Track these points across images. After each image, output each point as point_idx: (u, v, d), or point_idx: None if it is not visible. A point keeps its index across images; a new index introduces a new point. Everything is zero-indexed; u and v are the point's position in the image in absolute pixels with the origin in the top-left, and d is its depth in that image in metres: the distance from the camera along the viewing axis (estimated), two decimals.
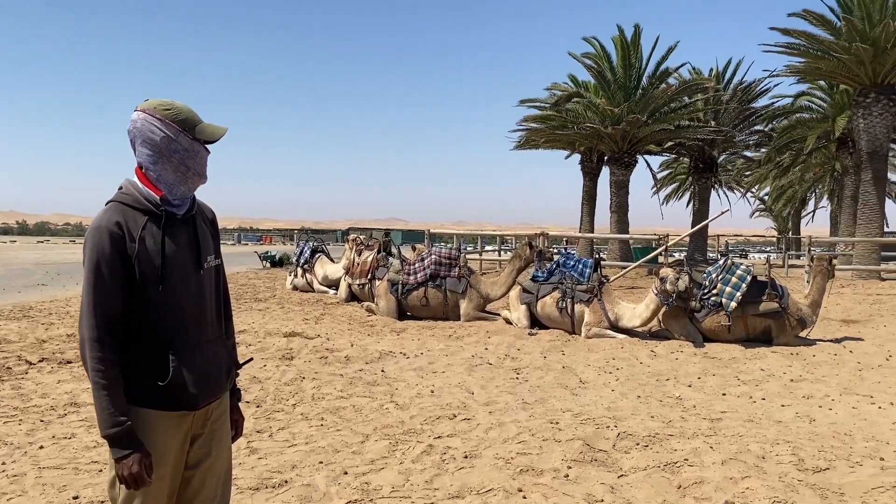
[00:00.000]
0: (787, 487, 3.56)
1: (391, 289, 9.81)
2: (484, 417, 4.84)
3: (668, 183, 38.39)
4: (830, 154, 27.20)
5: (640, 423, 4.71)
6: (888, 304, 12.67)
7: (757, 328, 8.14)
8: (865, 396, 5.67)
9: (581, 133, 22.13)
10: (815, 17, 18.71)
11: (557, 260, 9.26)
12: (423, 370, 6.43)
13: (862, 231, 18.72)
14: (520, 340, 8.12)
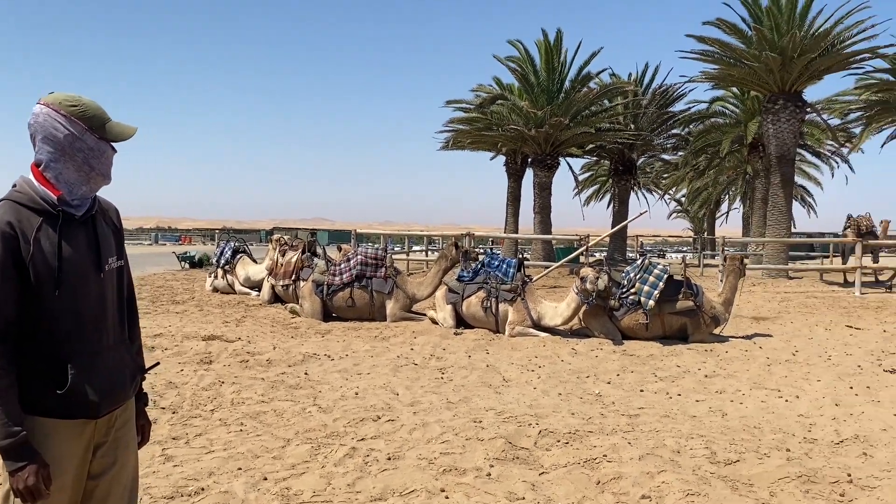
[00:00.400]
0: (700, 480, 3.70)
1: (316, 290, 9.68)
2: (408, 418, 4.83)
3: (589, 185, 39.29)
4: (743, 158, 28.40)
5: (561, 420, 4.80)
6: (795, 301, 13.32)
7: (673, 326, 8.41)
8: (773, 390, 5.94)
9: (505, 135, 22.42)
10: (728, 26, 19.49)
11: (482, 260, 9.34)
12: (348, 372, 6.37)
13: (771, 232, 19.62)
14: (445, 340, 8.15)
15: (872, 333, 9.26)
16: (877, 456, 4.18)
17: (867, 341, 8.57)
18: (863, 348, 8.05)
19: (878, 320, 10.72)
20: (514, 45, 22.73)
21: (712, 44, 19.60)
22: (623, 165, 26.65)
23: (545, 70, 22.30)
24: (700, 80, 21.22)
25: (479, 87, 25.03)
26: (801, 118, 19.99)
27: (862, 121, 21.58)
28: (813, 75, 19.17)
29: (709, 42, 19.55)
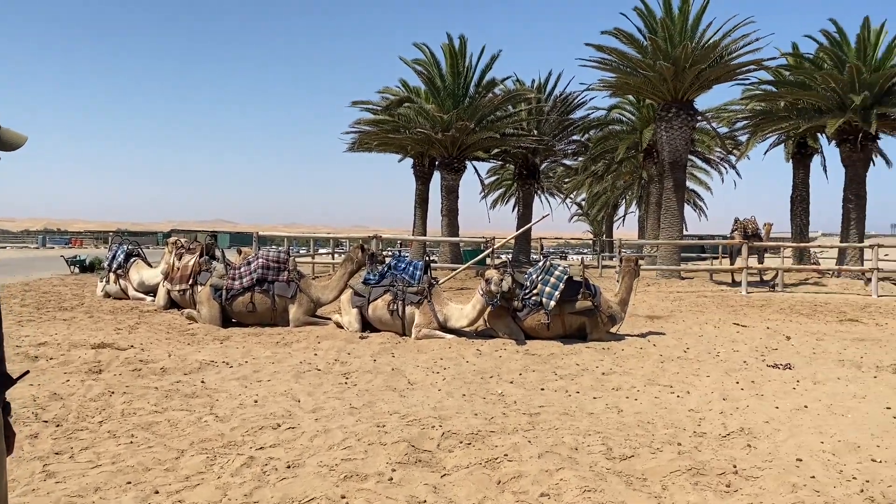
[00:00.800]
0: (597, 476, 3.79)
1: (214, 294, 9.37)
2: (309, 425, 4.74)
3: (495, 188, 39.90)
4: (638, 163, 29.56)
5: (464, 421, 4.82)
6: (687, 300, 13.96)
7: (573, 325, 8.64)
8: (666, 386, 6.18)
9: (413, 137, 22.46)
10: (625, 36, 20.23)
11: (389, 262, 9.30)
12: (248, 379, 6.19)
13: (665, 234, 20.49)
14: (350, 344, 8.06)
15: (757, 331, 9.81)
16: (760, 447, 4.41)
17: (752, 338, 9.07)
18: (748, 345, 8.51)
19: (763, 318, 11.38)
20: (420, 48, 22.82)
21: (610, 53, 20.30)
22: (527, 170, 27.21)
23: (451, 74, 22.49)
24: (599, 87, 21.93)
25: (386, 88, 24.98)
26: (693, 126, 20.99)
27: (748, 129, 22.84)
28: (703, 85, 20.16)
29: (607, 51, 20.23)
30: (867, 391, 6.04)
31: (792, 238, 23.98)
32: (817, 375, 6.69)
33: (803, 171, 23.48)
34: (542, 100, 26.22)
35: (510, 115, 24.27)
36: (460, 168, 23.55)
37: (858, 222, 19.49)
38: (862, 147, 19.20)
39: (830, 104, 19.14)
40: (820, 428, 4.87)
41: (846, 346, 8.56)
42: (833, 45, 19.51)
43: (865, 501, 3.55)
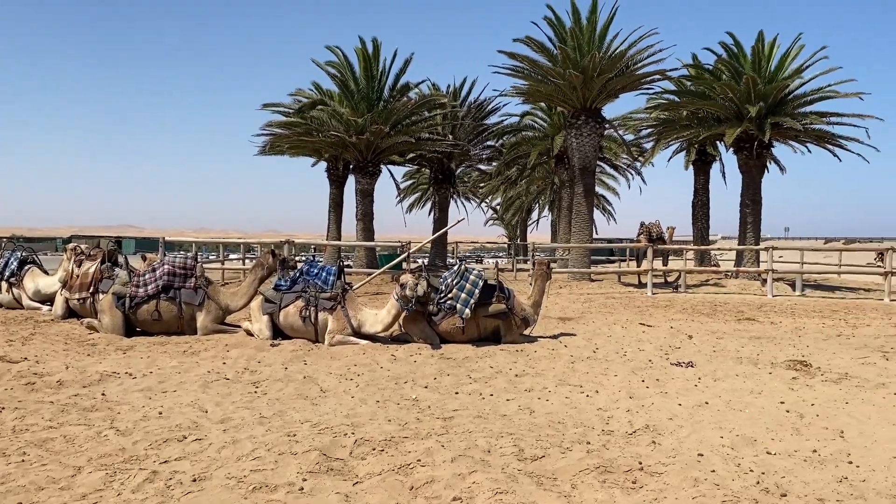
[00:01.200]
0: (509, 478, 3.84)
1: (117, 303, 8.96)
2: (217, 436, 4.59)
3: (410, 192, 39.95)
4: (550, 169, 30.22)
5: (378, 427, 4.79)
6: (597, 302, 14.35)
7: (488, 328, 8.73)
8: (576, 386, 6.32)
9: (326, 141, 22.19)
10: (536, 44, 20.64)
11: (301, 268, 9.14)
12: (152, 390, 5.95)
13: (576, 238, 21.02)
14: (261, 352, 7.86)
15: (661, 330, 10.18)
16: (664, 443, 4.57)
17: (657, 337, 9.41)
18: (653, 344, 8.82)
19: (667, 318, 11.82)
20: (333, 50, 22.57)
21: (522, 60, 20.67)
22: (442, 174, 27.36)
23: (365, 77, 22.36)
24: (511, 94, 22.29)
25: (299, 91, 24.57)
26: (601, 133, 21.61)
27: (652, 137, 23.71)
28: (611, 94, 20.80)
29: (518, 58, 20.59)
30: (763, 387, 6.36)
31: (694, 241, 25.06)
32: (717, 373, 7.00)
33: (704, 177, 24.58)
34: (457, 105, 26.44)
35: (425, 120, 24.34)
36: (375, 172, 23.44)
37: (755, 226, 20.52)
38: (757, 155, 20.24)
39: (729, 114, 20.10)
40: (720, 423, 5.09)
41: (744, 344, 8.99)
42: (730, 57, 20.50)
43: (761, 493, 3.73)
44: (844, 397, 5.97)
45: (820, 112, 19.96)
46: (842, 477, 3.98)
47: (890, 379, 6.75)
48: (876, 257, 25.50)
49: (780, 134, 20.04)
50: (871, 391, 6.23)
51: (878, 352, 8.38)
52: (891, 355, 8.12)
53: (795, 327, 10.81)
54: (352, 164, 23.64)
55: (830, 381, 6.62)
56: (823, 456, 4.35)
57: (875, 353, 8.31)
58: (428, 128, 24.29)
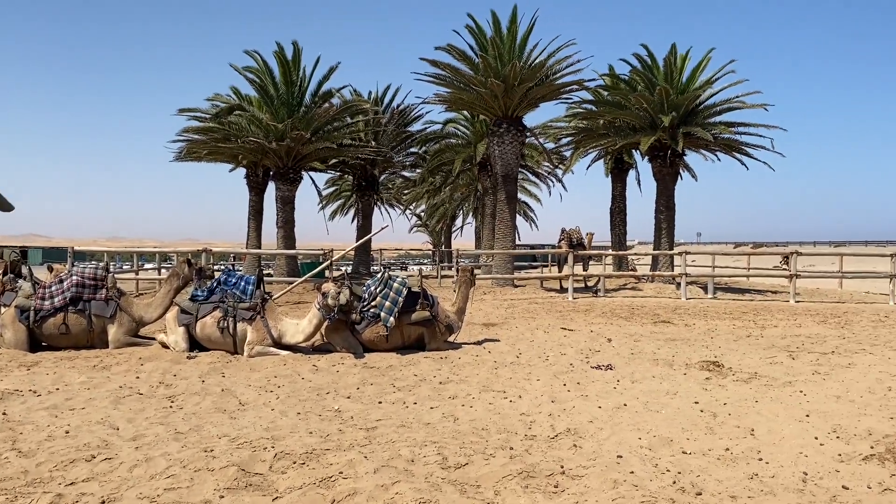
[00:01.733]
0: (432, 487, 3.81)
1: (20, 316, 8.48)
2: (129, 454, 4.39)
3: (333, 199, 39.56)
4: (474, 176, 30.45)
5: (299, 440, 4.69)
6: (520, 307, 14.53)
7: (412, 336, 8.70)
8: (500, 392, 6.37)
9: (245, 147, 21.72)
10: (458, 53, 20.82)
11: (219, 277, 8.88)
12: (59, 408, 5.64)
13: (499, 244, 21.25)
14: (177, 365, 7.59)
15: (582, 334, 10.39)
16: (585, 447, 4.65)
17: (578, 341, 9.59)
18: (574, 348, 8.99)
19: (587, 322, 12.07)
20: (251, 55, 22.12)
21: (444, 68, 20.80)
22: (366, 181, 27.20)
23: (284, 83, 22.02)
24: (434, 101, 22.39)
25: (216, 96, 23.99)
26: (523, 141, 21.96)
27: (572, 145, 24.25)
28: (531, 103, 21.17)
29: (441, 66, 20.71)
30: (678, 388, 6.56)
31: (612, 247, 25.74)
32: (635, 375, 7.18)
33: (621, 184, 25.30)
34: (380, 112, 26.36)
35: (348, 126, 24.16)
36: (296, 178, 23.09)
37: (669, 231, 21.25)
38: (671, 163, 20.99)
39: (643, 123, 20.77)
40: (638, 425, 5.21)
41: (660, 346, 9.27)
42: (645, 68, 21.20)
43: (678, 492, 3.83)
44: (754, 396, 6.22)
45: (728, 122, 20.86)
46: (753, 474, 4.13)
47: (796, 377, 7.08)
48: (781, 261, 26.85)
49: (692, 143, 20.83)
50: (779, 389, 6.52)
51: (785, 351, 8.79)
52: (797, 354, 8.52)
53: (708, 329, 11.22)
54: (272, 170, 23.21)
55: (741, 381, 6.89)
56: (735, 454, 4.51)
57: (782, 352, 8.71)
58: (350, 134, 24.12)
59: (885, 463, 4.30)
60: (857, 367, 7.70)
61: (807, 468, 4.23)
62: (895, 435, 4.90)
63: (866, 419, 5.38)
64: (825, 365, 7.80)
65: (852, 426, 5.16)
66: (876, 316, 13.24)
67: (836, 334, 10.53)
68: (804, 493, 3.84)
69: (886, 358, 8.30)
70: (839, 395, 6.24)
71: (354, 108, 24.00)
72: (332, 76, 22.58)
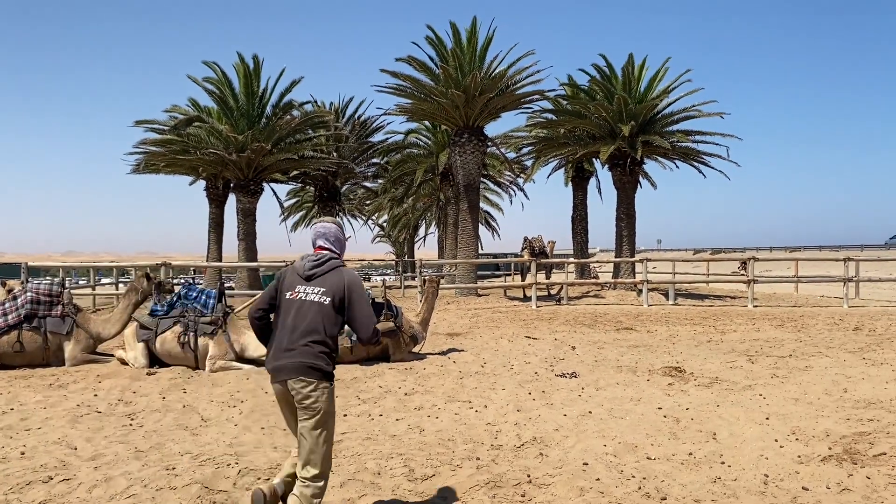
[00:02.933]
0: (399, 500, 3.79)
1: None
2: (88, 475, 4.28)
3: (295, 210, 39.25)
4: (436, 186, 30.53)
5: (263, 455, 4.62)
6: (484, 317, 14.57)
7: (376, 347, 8.65)
8: (465, 402, 6.36)
9: (204, 159, 21.47)
10: (419, 64, 20.87)
11: (179, 292, 8.73)
12: (13, 429, 5.48)
13: (462, 253, 21.30)
14: (136, 382, 7.42)
15: (546, 342, 10.45)
16: (551, 455, 4.67)
17: (542, 350, 9.65)
18: (539, 356, 9.03)
19: (551, 330, 12.15)
20: (210, 66, 21.90)
21: (405, 79, 20.83)
22: (328, 192, 27.09)
23: (244, 94, 21.85)
24: (395, 112, 22.41)
25: (174, 107, 23.68)
26: (484, 151, 22.08)
27: (533, 154, 24.47)
28: (492, 113, 21.31)
29: (401, 77, 20.74)
30: (642, 394, 6.64)
31: (574, 254, 25.99)
32: (599, 382, 7.25)
33: (582, 193, 25.59)
34: (342, 123, 26.28)
35: (309, 138, 24.04)
36: (257, 190, 22.88)
37: (630, 239, 21.54)
38: (630, 171, 21.31)
39: (603, 132, 21.06)
40: (603, 432, 5.25)
41: (623, 352, 9.37)
42: (603, 78, 21.51)
43: (643, 497, 3.86)
44: (716, 400, 6.32)
45: (686, 130, 21.28)
46: (716, 477, 4.19)
47: (756, 381, 7.22)
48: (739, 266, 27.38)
49: (651, 151, 21.18)
50: (739, 393, 6.64)
51: (745, 356, 8.96)
52: (756, 358, 8.69)
53: (670, 335, 11.38)
54: (232, 182, 22.98)
55: (703, 386, 7.00)
56: (698, 458, 4.58)
57: (741, 356, 8.87)
58: (312, 146, 24.01)
59: (842, 463, 4.40)
60: (813, 369, 7.88)
61: (768, 470, 4.31)
62: (852, 436, 5.02)
63: (824, 420, 5.51)
64: (783, 368, 7.97)
65: (810, 428, 5.28)
66: (831, 319, 13.58)
67: (793, 338, 10.77)
68: (766, 495, 3.91)
69: (842, 360, 8.51)
70: (797, 398, 6.38)
71: (316, 120, 23.91)
72: (295, 88, 22.47)
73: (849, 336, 10.94)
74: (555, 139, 22.87)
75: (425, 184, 30.96)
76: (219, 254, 24.40)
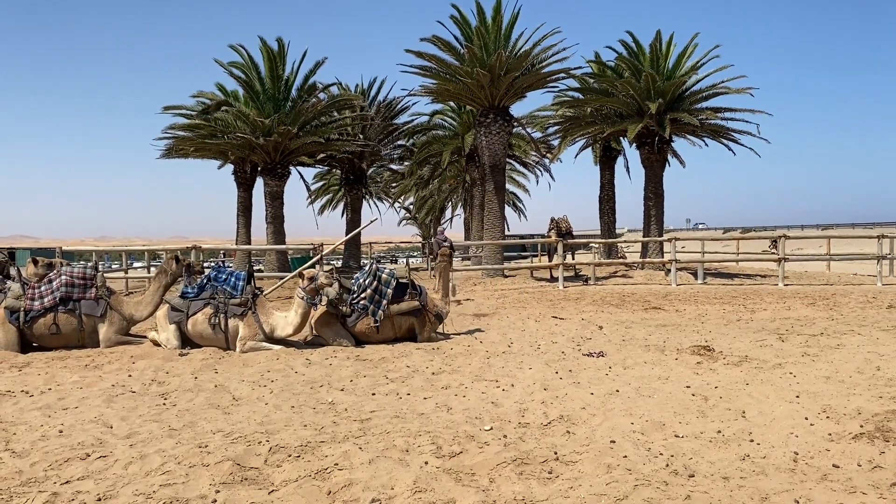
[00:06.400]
0: (427, 476, 3.83)
1: (10, 317, 8.44)
2: (123, 452, 4.38)
3: (322, 194, 39.46)
4: (462, 167, 30.45)
5: (293, 433, 4.69)
6: (510, 297, 14.56)
7: (403, 326, 8.72)
8: (492, 381, 6.39)
9: (232, 143, 21.66)
10: (444, 44, 20.74)
11: (209, 274, 8.85)
12: (51, 408, 5.62)
13: (488, 235, 21.27)
14: (169, 363, 7.57)
15: (573, 322, 10.43)
16: (578, 433, 4.68)
17: (569, 329, 9.63)
18: (565, 336, 9.03)
19: (578, 310, 12.12)
20: (236, 50, 22.01)
21: (430, 59, 20.73)
22: (354, 175, 27.16)
23: (270, 78, 21.92)
24: (420, 93, 22.29)
25: (201, 93, 23.87)
26: (510, 131, 21.95)
27: (559, 134, 24.25)
28: (517, 92, 21.14)
29: (426, 58, 20.64)
30: (669, 373, 6.61)
31: (601, 234, 25.80)
32: (627, 361, 7.23)
33: (609, 172, 25.33)
34: (367, 105, 26.28)
35: (335, 121, 24.09)
36: (284, 174, 23.04)
37: (658, 218, 21.32)
38: (659, 149, 21.05)
39: (630, 110, 20.80)
40: (630, 410, 5.25)
41: (651, 332, 9.32)
42: (630, 55, 21.20)
43: (671, 475, 3.86)
44: (745, 379, 6.27)
45: (715, 108, 20.93)
46: (744, 455, 4.17)
47: (785, 359, 7.14)
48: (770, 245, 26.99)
49: (679, 129, 20.89)
50: (769, 372, 6.58)
51: (775, 334, 8.86)
52: (786, 337, 8.60)
53: (698, 314, 11.29)
54: (259, 166, 23.16)
55: (732, 364, 6.94)
56: (727, 436, 4.55)
57: (771, 335, 8.78)
58: (338, 128, 24.06)
59: (874, 441, 4.35)
60: (845, 348, 7.77)
61: (797, 448, 4.27)
62: (884, 413, 4.95)
63: (855, 399, 5.44)
64: (814, 347, 7.87)
65: (842, 406, 5.22)
66: (864, 297, 13.36)
67: (824, 316, 10.62)
68: (795, 472, 3.89)
69: (874, 338, 8.38)
70: (828, 376, 6.30)
71: (341, 103, 23.94)
72: (319, 70, 22.50)
73: (882, 314, 10.76)
74: (581, 118, 22.63)
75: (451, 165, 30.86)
76: (248, 237, 24.65)
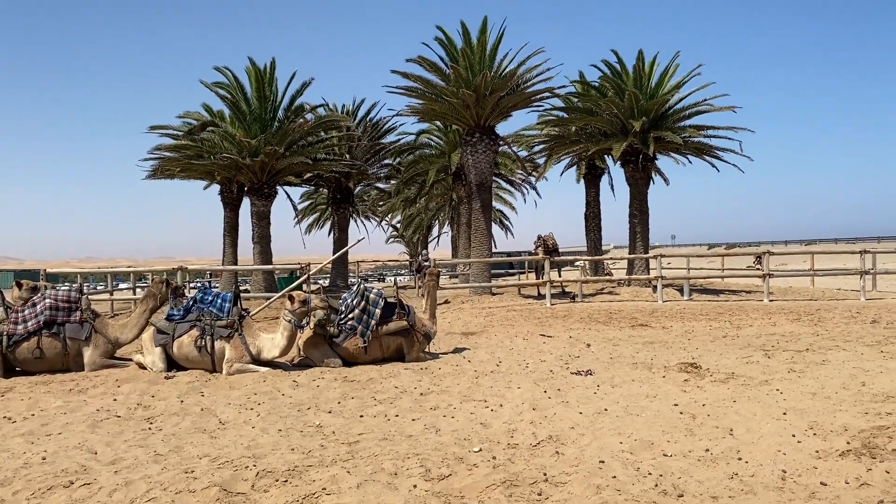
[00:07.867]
0: (417, 499, 3.81)
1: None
2: (108, 479, 4.33)
3: (309, 213, 39.44)
4: (448, 185, 30.54)
5: (281, 457, 4.66)
6: (498, 315, 14.57)
7: (391, 346, 8.69)
8: (481, 401, 6.37)
9: (218, 163, 21.62)
10: (429, 64, 20.85)
11: (194, 296, 8.80)
12: (34, 434, 5.55)
13: (476, 253, 21.28)
14: (155, 386, 7.50)
15: (561, 340, 10.44)
16: (567, 453, 4.67)
17: (557, 347, 9.64)
18: (553, 354, 9.03)
19: (566, 327, 12.13)
20: (222, 71, 22.03)
21: (415, 80, 20.82)
22: (341, 194, 27.17)
23: (257, 98, 21.94)
24: (406, 113, 22.36)
25: (187, 113, 23.85)
26: (496, 150, 22.03)
27: (545, 152, 24.39)
28: (503, 112, 21.26)
29: (412, 78, 20.74)
30: (657, 390, 6.62)
31: (587, 251, 25.90)
32: (615, 379, 7.24)
33: (594, 190, 25.49)
34: (354, 125, 26.35)
35: (322, 140, 24.12)
36: (271, 193, 23.00)
37: (643, 235, 21.43)
38: (643, 167, 21.20)
39: (615, 129, 20.97)
40: (619, 429, 5.25)
41: (638, 349, 9.35)
42: (614, 74, 21.40)
43: (660, 494, 3.86)
44: (732, 396, 6.29)
45: (698, 125, 21.12)
46: (733, 473, 4.18)
47: (772, 376, 7.18)
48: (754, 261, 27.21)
49: (663, 147, 21.06)
50: (756, 388, 6.61)
51: (761, 350, 8.91)
52: (772, 353, 8.64)
53: (685, 331, 11.33)
54: (246, 186, 23.12)
55: (719, 382, 6.97)
56: (715, 454, 4.56)
57: (758, 351, 8.82)
58: (325, 148, 24.08)
59: (861, 458, 4.37)
60: (831, 363, 7.82)
61: (785, 466, 4.29)
62: (870, 430, 4.98)
63: (842, 415, 5.47)
64: (800, 363, 7.92)
65: (828, 422, 5.25)
66: (848, 312, 13.47)
67: (809, 332, 10.70)
68: (783, 490, 3.90)
69: (859, 354, 8.45)
70: (814, 392, 6.34)
71: (329, 123, 23.99)
72: (306, 91, 22.56)
73: (866, 329, 10.85)
74: (566, 137, 22.78)
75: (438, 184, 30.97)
76: (234, 257, 24.54)
